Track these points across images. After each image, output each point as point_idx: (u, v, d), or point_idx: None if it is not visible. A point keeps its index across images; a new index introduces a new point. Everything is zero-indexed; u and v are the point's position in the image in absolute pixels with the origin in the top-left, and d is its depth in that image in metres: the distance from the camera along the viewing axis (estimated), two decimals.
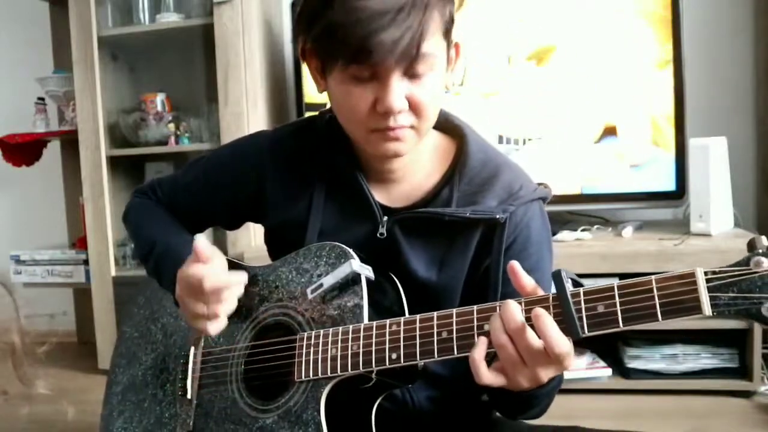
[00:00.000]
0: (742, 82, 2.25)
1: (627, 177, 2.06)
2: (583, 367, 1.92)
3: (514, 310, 0.72)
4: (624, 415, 1.81)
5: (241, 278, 0.88)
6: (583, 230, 2.01)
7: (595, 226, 2.09)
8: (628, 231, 1.98)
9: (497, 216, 0.88)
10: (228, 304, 0.87)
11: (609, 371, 1.93)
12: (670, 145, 2.02)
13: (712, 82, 2.23)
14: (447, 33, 0.85)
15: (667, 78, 2.01)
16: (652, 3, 2.00)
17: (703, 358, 1.87)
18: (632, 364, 1.92)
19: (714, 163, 1.86)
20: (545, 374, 0.73)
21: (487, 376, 0.74)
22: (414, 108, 0.83)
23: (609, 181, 2.08)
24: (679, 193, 2.03)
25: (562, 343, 0.70)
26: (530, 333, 0.71)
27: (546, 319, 0.71)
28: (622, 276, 1.91)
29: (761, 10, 2.19)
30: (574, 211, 2.20)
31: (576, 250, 1.89)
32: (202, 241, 0.88)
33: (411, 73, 0.81)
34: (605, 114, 2.06)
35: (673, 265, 1.83)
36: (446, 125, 0.98)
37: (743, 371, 1.86)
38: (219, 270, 0.86)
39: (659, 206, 2.14)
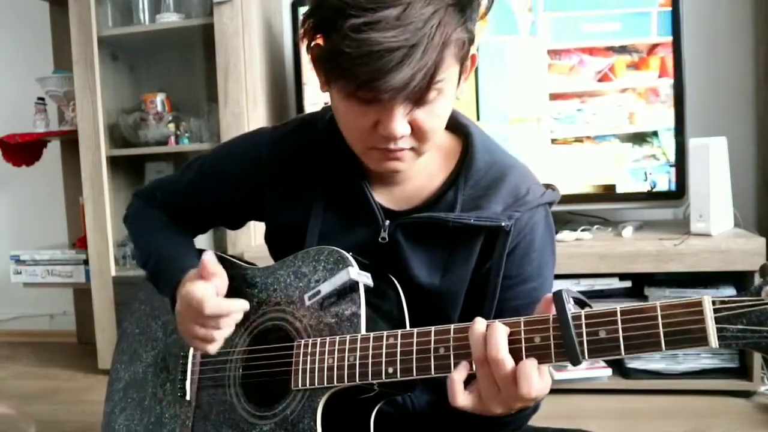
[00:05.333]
0: (742, 82, 2.24)
1: (627, 177, 2.07)
2: (583, 367, 1.92)
3: (500, 340, 0.70)
4: (624, 415, 1.81)
5: (242, 306, 0.88)
6: (583, 230, 2.01)
7: (595, 226, 2.09)
8: (628, 231, 1.98)
9: (502, 224, 0.86)
10: (226, 330, 0.88)
11: (609, 371, 1.92)
12: (670, 145, 2.02)
13: (712, 82, 2.23)
14: (464, 57, 0.81)
15: (667, 78, 2.01)
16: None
17: (703, 358, 1.87)
18: (632, 364, 1.91)
19: (714, 163, 1.86)
20: (516, 404, 0.72)
21: (462, 398, 0.73)
22: (416, 132, 0.81)
23: (609, 181, 2.08)
24: (679, 193, 2.03)
25: (538, 389, 0.70)
26: (509, 365, 0.70)
27: (530, 368, 0.69)
28: (622, 276, 1.93)
29: (761, 10, 2.19)
30: (574, 211, 2.21)
31: (576, 250, 1.89)
32: (210, 256, 0.88)
33: (418, 101, 0.78)
34: (605, 114, 2.06)
35: (673, 266, 1.83)
36: (452, 123, 0.94)
37: (743, 371, 1.86)
38: (220, 295, 0.87)
39: (659, 206, 2.15)
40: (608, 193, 2.08)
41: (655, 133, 2.04)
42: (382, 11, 0.72)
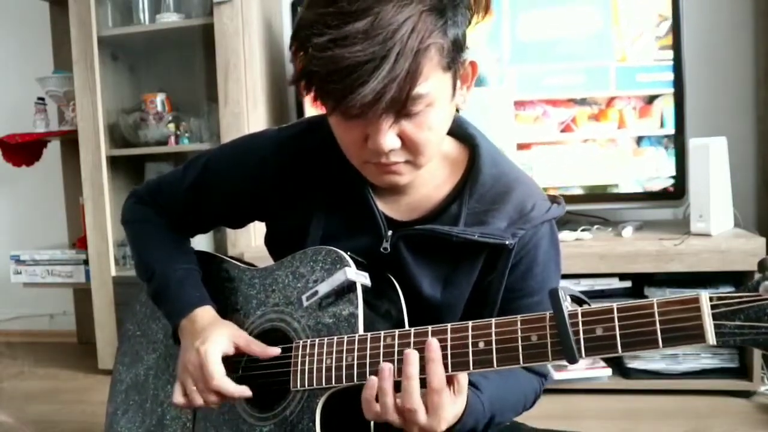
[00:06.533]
0: (742, 82, 2.25)
1: (627, 177, 2.07)
2: (583, 367, 1.92)
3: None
4: (624, 415, 1.81)
5: (242, 393, 0.88)
6: (583, 230, 2.01)
7: (595, 226, 2.10)
8: (628, 231, 1.98)
9: (506, 242, 0.85)
10: (212, 402, 0.89)
11: (609, 371, 1.92)
12: (670, 145, 2.02)
13: (712, 82, 2.23)
14: (451, 63, 0.78)
15: (667, 78, 2.01)
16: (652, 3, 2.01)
17: (703, 358, 1.87)
18: (632, 364, 1.91)
19: (714, 163, 1.86)
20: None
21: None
22: (408, 145, 0.79)
23: (609, 181, 2.08)
24: (679, 193, 2.03)
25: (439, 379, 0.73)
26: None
27: (433, 354, 0.74)
28: (622, 276, 1.93)
29: (761, 10, 2.19)
30: (574, 211, 2.20)
31: (576, 250, 1.89)
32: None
33: (404, 114, 0.76)
34: (605, 114, 2.06)
35: (673, 266, 1.83)
36: (459, 132, 0.93)
37: (743, 371, 1.86)
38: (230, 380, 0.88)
39: (659, 206, 2.15)
40: (608, 193, 2.09)
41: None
42: (348, 26, 0.70)
